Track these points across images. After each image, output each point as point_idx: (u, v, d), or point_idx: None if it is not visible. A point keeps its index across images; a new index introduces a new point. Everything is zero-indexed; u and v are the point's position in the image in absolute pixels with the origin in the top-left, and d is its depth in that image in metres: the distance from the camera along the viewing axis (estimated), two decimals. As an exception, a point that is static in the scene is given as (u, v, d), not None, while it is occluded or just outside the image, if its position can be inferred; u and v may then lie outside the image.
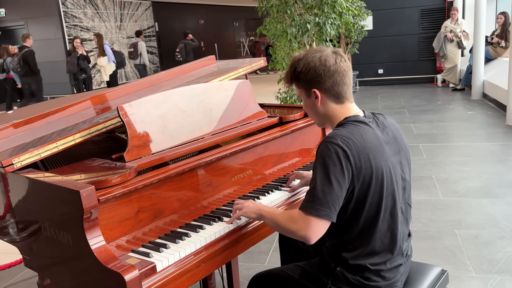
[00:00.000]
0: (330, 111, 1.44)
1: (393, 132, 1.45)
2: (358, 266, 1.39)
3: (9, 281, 2.87)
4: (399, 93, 9.10)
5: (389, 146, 1.40)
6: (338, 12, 4.63)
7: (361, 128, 1.37)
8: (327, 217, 1.29)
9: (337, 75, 1.40)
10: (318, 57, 1.40)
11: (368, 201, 1.34)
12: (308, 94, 1.45)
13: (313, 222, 1.29)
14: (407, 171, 1.46)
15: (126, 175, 1.39)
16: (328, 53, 1.41)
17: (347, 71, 1.43)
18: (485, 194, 3.62)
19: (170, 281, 1.30)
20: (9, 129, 1.67)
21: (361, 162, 1.31)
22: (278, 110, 2.34)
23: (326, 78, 1.40)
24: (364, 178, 1.32)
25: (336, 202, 1.29)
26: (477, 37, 7.83)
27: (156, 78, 2.23)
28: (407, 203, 1.47)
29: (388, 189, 1.36)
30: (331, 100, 1.43)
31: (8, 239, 1.73)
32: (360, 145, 1.32)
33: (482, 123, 6.07)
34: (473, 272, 2.54)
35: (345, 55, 1.45)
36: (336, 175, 1.28)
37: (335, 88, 1.41)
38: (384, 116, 1.49)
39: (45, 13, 12.21)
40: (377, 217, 1.36)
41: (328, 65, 1.39)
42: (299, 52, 1.48)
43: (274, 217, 1.42)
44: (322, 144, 1.34)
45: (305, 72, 1.42)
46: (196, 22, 18.09)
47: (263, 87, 11.72)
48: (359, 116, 1.42)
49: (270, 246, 3.02)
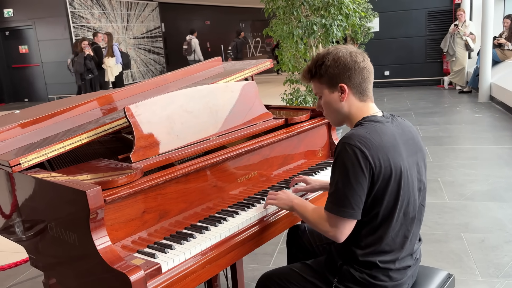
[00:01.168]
0: (353, 109, 1.44)
1: (411, 133, 1.46)
2: (368, 262, 1.39)
3: (15, 280, 2.88)
4: (405, 95, 9.06)
5: (406, 146, 1.40)
6: (345, 14, 4.62)
7: (378, 127, 1.37)
8: (352, 217, 1.34)
9: (366, 72, 1.42)
10: (349, 53, 1.42)
11: (386, 199, 1.34)
12: (332, 89, 1.45)
13: (339, 223, 1.35)
14: (423, 173, 1.46)
15: (132, 176, 1.40)
16: (357, 51, 1.43)
17: (372, 71, 1.46)
18: (492, 197, 3.60)
19: (175, 282, 1.30)
20: (17, 129, 1.68)
21: (380, 161, 1.31)
22: (283, 112, 2.33)
23: (356, 73, 1.41)
24: (384, 177, 1.32)
25: (359, 202, 1.32)
26: (484, 39, 7.78)
27: (162, 79, 2.24)
28: (421, 204, 1.47)
29: (404, 189, 1.36)
30: (356, 97, 1.43)
31: (14, 238, 1.74)
32: (378, 144, 1.32)
33: (489, 126, 6.03)
34: (479, 276, 2.52)
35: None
36: (356, 176, 1.30)
37: (363, 85, 1.42)
38: (402, 118, 1.50)
39: (52, 13, 12.29)
40: (392, 215, 1.37)
41: (359, 61, 1.41)
42: (325, 49, 1.49)
43: (304, 212, 1.49)
44: (340, 145, 1.35)
45: (334, 66, 1.41)
46: (202, 23, 18.13)
47: (269, 88, 11.72)
48: (377, 116, 1.42)
49: (275, 247, 3.01)
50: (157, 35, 15.66)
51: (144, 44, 15.03)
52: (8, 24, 12.96)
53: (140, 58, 14.80)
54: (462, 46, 8.81)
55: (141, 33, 14.87)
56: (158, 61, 15.76)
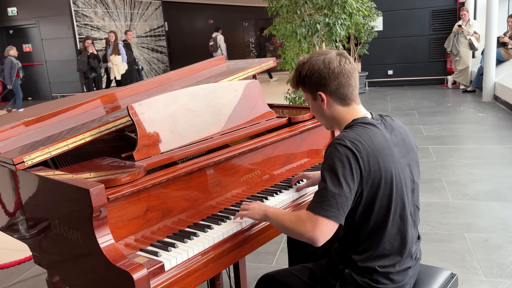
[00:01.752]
0: (337, 114, 1.44)
1: (401, 134, 1.45)
2: (367, 268, 1.38)
3: (19, 277, 2.89)
4: (409, 94, 9.04)
5: (397, 148, 1.39)
6: (348, 13, 4.61)
7: (369, 130, 1.36)
8: (336, 219, 1.28)
9: (342, 77, 1.40)
10: (322, 59, 1.40)
11: (377, 203, 1.33)
12: (314, 97, 1.45)
13: (321, 222, 1.27)
14: (416, 173, 1.45)
15: (136, 174, 1.40)
16: (332, 56, 1.41)
17: (352, 72, 1.42)
18: (495, 197, 3.59)
19: (178, 280, 1.30)
20: (21, 127, 1.68)
21: (370, 164, 1.30)
22: (286, 111, 2.33)
23: (330, 81, 1.39)
24: (373, 181, 1.31)
25: (345, 204, 1.28)
26: (488, 38, 7.75)
27: (165, 78, 2.24)
28: (415, 205, 1.46)
29: (397, 191, 1.35)
30: (337, 103, 1.42)
31: (17, 236, 1.75)
32: (369, 147, 1.31)
33: (493, 126, 6.00)
34: (482, 276, 2.51)
35: (350, 57, 1.45)
36: (345, 177, 1.28)
37: (340, 90, 1.41)
38: (392, 118, 1.49)
39: (56, 12, 12.32)
40: (387, 219, 1.35)
41: (332, 67, 1.39)
42: (303, 56, 1.48)
43: (279, 218, 1.41)
44: (331, 146, 1.34)
45: (310, 76, 1.42)
46: (205, 22, 18.12)
47: (272, 87, 11.72)
48: (367, 118, 1.41)
49: (277, 246, 3.01)
50: (160, 34, 15.67)
51: (148, 43, 15.04)
52: (12, 22, 13.00)
53: (143, 57, 14.82)
54: (466, 45, 8.78)
55: (144, 32, 14.88)
56: (162, 60, 15.77)
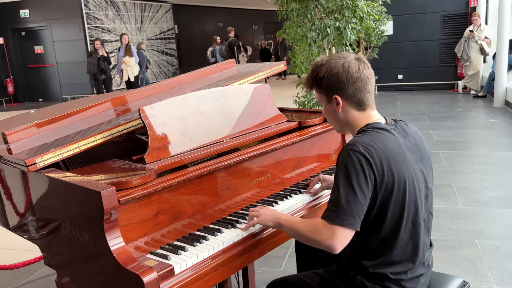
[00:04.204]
0: (351, 118, 1.43)
1: (415, 139, 1.43)
2: (378, 274, 1.36)
3: (28, 277, 2.91)
4: (419, 99, 8.98)
5: (411, 153, 1.38)
6: (359, 17, 4.60)
7: (383, 135, 1.34)
8: (352, 226, 1.27)
9: (360, 82, 1.38)
10: (341, 63, 1.38)
11: (390, 209, 1.32)
12: (329, 100, 1.44)
13: (338, 231, 1.27)
14: (429, 179, 1.43)
15: (146, 177, 1.40)
16: (351, 60, 1.39)
17: (370, 78, 1.41)
18: (507, 204, 3.54)
19: (188, 284, 1.30)
20: (33, 129, 1.70)
21: (384, 169, 1.28)
22: (296, 114, 2.32)
23: (348, 85, 1.38)
24: (387, 186, 1.29)
25: (360, 211, 1.28)
26: (500, 43, 7.68)
27: (176, 81, 2.25)
28: (429, 211, 1.44)
29: (410, 197, 1.33)
30: (353, 107, 1.41)
31: (27, 236, 1.76)
32: (382, 152, 1.30)
33: (504, 131, 5.94)
34: (494, 284, 2.48)
35: (368, 62, 1.43)
36: (359, 184, 1.27)
37: (357, 95, 1.39)
38: (406, 123, 1.47)
39: (67, 14, 12.45)
40: (399, 225, 1.34)
41: (351, 71, 1.37)
42: (321, 57, 1.46)
43: (294, 226, 1.39)
44: (344, 151, 1.32)
45: (327, 78, 1.40)
46: (215, 25, 18.20)
47: (281, 90, 11.71)
48: (381, 123, 1.40)
49: (286, 251, 3.00)
50: (170, 36, 15.76)
51: (158, 46, 15.14)
52: (24, 24, 13.16)
53: (153, 59, 14.91)
54: (477, 50, 8.70)
55: (154, 35, 14.98)
56: (171, 62, 15.85)
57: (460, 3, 9.67)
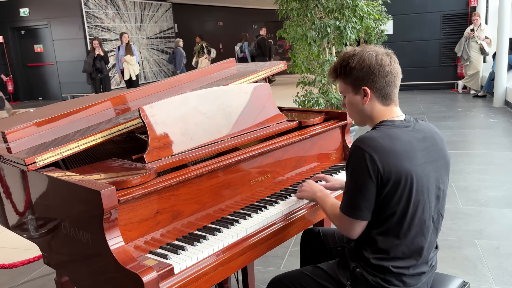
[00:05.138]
0: (375, 112, 1.43)
1: (434, 139, 1.43)
2: (380, 267, 1.37)
3: (28, 276, 2.91)
4: (419, 98, 8.98)
5: (425, 153, 1.38)
6: (359, 16, 4.59)
7: (393, 132, 1.35)
8: (361, 218, 1.36)
9: (391, 76, 1.40)
10: (374, 55, 1.39)
11: (395, 205, 1.33)
12: (356, 91, 1.44)
13: (351, 223, 1.38)
14: (443, 181, 1.43)
15: (146, 176, 1.40)
16: (383, 53, 1.41)
17: (399, 74, 1.43)
18: (507, 204, 3.54)
19: (187, 283, 1.29)
20: (32, 128, 1.69)
21: (390, 166, 1.30)
22: (296, 114, 2.32)
23: (380, 78, 1.39)
24: (393, 182, 1.31)
25: (368, 204, 1.34)
26: (500, 43, 7.68)
27: (176, 80, 2.24)
28: (439, 212, 1.44)
29: (417, 195, 1.34)
30: (379, 101, 1.42)
31: (27, 235, 1.76)
32: (389, 148, 1.31)
33: (504, 131, 5.94)
34: (493, 284, 2.48)
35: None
36: (363, 180, 1.31)
37: (386, 89, 1.41)
38: (428, 124, 1.48)
39: (67, 13, 12.44)
40: (404, 222, 1.35)
41: (384, 65, 1.39)
42: (352, 48, 1.47)
43: (324, 206, 1.56)
44: (352, 147, 1.36)
45: (359, 68, 1.40)
46: (215, 24, 18.19)
47: (280, 89, 11.69)
48: (396, 121, 1.40)
49: (286, 250, 3.00)
50: (170, 35, 15.74)
51: (157, 45, 15.12)
52: (24, 23, 13.14)
53: (153, 58, 14.90)
54: (477, 50, 8.70)
55: (154, 34, 14.97)
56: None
57: (460, 3, 9.66)
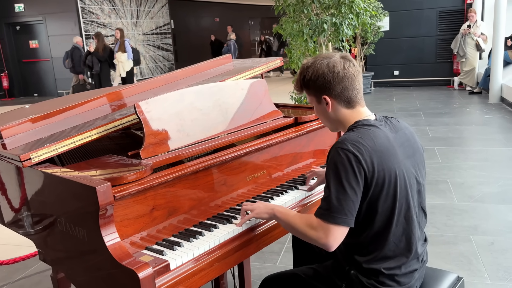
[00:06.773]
0: (342, 116, 1.44)
1: (406, 135, 1.44)
2: (372, 270, 1.37)
3: (24, 273, 2.90)
4: (415, 95, 9.00)
5: (402, 149, 1.39)
6: (356, 13, 4.59)
7: (371, 131, 1.36)
8: (345, 223, 1.29)
9: (346, 80, 1.40)
10: (326, 63, 1.40)
11: (381, 205, 1.33)
12: (318, 100, 1.45)
13: (332, 230, 1.29)
14: (421, 175, 1.44)
15: (142, 173, 1.39)
16: (336, 59, 1.41)
17: (357, 75, 1.42)
18: (502, 200, 3.56)
19: (183, 279, 1.30)
20: (27, 124, 1.68)
21: (373, 166, 1.29)
22: (292, 110, 2.32)
23: (335, 84, 1.40)
24: (377, 182, 1.30)
25: (352, 208, 1.29)
26: (496, 40, 7.70)
27: (172, 76, 2.24)
28: (421, 206, 1.45)
29: (401, 192, 1.34)
30: (342, 106, 1.43)
31: (22, 231, 1.75)
32: (371, 148, 1.31)
33: (499, 128, 5.97)
34: (488, 279, 2.49)
35: (354, 60, 1.45)
36: (349, 181, 1.28)
37: (345, 94, 1.41)
38: (397, 119, 1.48)
39: (63, 9, 12.35)
40: (391, 220, 1.35)
41: (337, 71, 1.39)
42: (307, 60, 1.48)
43: (289, 220, 1.41)
44: (333, 149, 1.33)
45: (314, 79, 1.42)
46: (211, 20, 18.13)
47: (277, 86, 11.69)
48: (370, 120, 1.41)
49: (282, 246, 3.01)
50: (166, 31, 15.68)
51: (153, 41, 15.06)
52: (19, 19, 13.05)
53: (149, 54, 14.84)
54: (473, 46, 8.72)
55: (150, 30, 14.90)
56: (167, 57, 15.79)
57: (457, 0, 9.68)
